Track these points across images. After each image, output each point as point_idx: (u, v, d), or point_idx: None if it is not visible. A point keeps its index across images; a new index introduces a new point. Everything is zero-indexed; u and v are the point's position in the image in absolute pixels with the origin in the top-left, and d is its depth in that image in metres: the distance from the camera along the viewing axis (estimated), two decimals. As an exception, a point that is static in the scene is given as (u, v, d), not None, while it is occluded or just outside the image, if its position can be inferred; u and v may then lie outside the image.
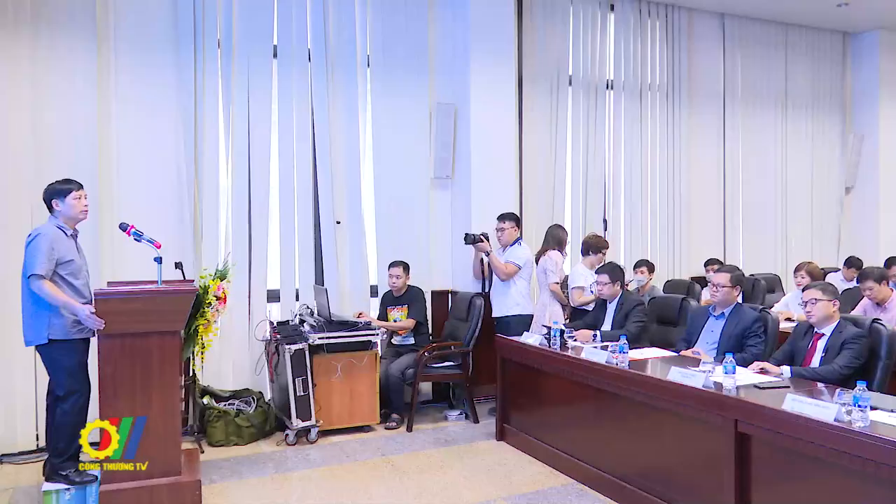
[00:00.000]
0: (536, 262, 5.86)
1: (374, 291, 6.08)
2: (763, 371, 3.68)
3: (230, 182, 5.55)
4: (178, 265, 4.42)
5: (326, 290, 5.33)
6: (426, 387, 5.95)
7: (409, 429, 5.29)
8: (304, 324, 5.24)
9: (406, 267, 5.68)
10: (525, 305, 5.59)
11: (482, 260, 5.77)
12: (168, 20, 5.30)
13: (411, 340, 5.66)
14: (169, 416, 3.79)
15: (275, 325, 5.25)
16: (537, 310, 5.72)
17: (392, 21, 6.06)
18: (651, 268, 6.44)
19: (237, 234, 5.55)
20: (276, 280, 5.77)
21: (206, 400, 5.05)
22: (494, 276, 5.67)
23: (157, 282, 3.90)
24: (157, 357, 3.76)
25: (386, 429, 5.30)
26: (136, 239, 4.01)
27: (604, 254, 5.77)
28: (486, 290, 5.84)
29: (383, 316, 5.74)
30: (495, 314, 5.67)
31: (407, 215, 6.15)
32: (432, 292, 6.13)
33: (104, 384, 3.68)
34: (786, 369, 3.66)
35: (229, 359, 5.49)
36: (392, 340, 5.73)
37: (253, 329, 5.47)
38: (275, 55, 5.70)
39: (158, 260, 3.89)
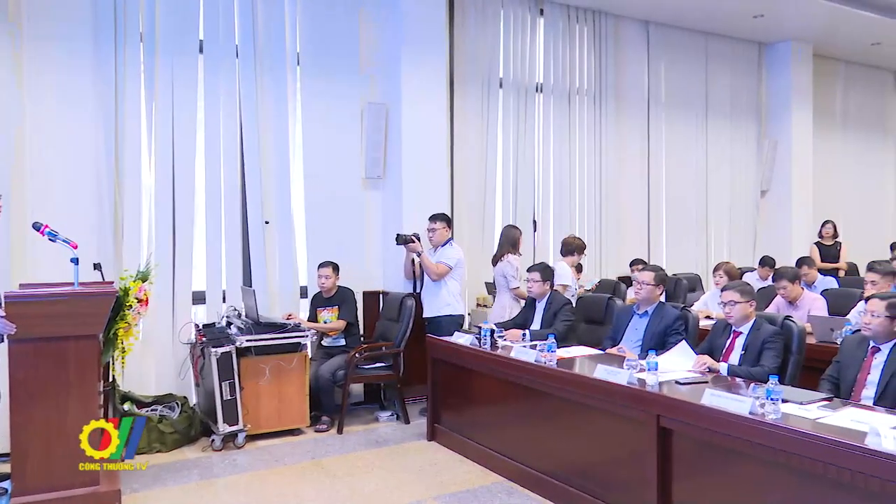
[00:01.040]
0: (494, 264, 5.93)
1: (303, 292, 6.00)
2: (705, 366, 3.76)
3: (153, 180, 5.38)
4: (97, 266, 4.25)
5: (254, 291, 5.22)
6: (357, 388, 5.90)
7: (340, 431, 5.24)
8: (232, 326, 5.11)
9: (336, 267, 5.62)
10: (456, 306, 5.63)
11: (413, 260, 5.77)
12: (86, 11, 5.09)
13: (342, 342, 5.60)
14: (86, 424, 3.63)
15: (200, 327, 5.11)
16: (496, 311, 5.78)
17: (323, 19, 6.00)
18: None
19: (160, 233, 5.38)
20: (201, 281, 5.61)
21: (126, 406, 4.87)
22: (426, 277, 5.68)
23: (73, 284, 3.74)
24: (74, 362, 3.60)
25: (316, 431, 5.23)
26: (50, 239, 3.83)
27: (583, 254, 6.18)
28: (418, 290, 5.84)
29: (313, 317, 5.66)
30: (426, 314, 5.67)
31: (338, 215, 6.09)
32: (363, 293, 6.09)
33: (15, 391, 3.51)
34: (724, 366, 3.76)
35: (152, 363, 5.32)
36: (322, 342, 5.66)
37: (177, 332, 5.30)
38: (200, 50, 5.54)
39: (75, 261, 3.73)
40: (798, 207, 8.91)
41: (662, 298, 4.63)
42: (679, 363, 3.84)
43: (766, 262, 7.21)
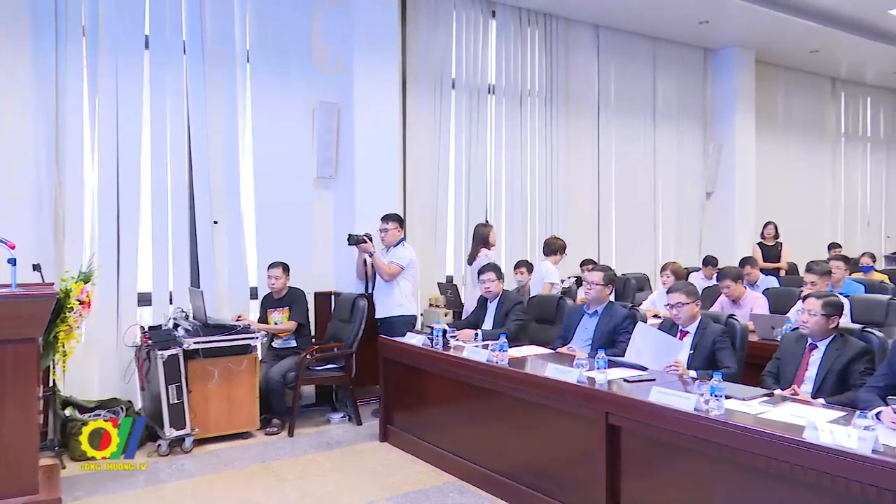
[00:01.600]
0: (470, 262, 6.05)
1: (253, 293, 5.92)
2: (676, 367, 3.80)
3: (96, 178, 5.23)
4: (36, 267, 4.12)
5: (202, 292, 5.13)
6: (308, 390, 5.85)
7: (291, 433, 5.18)
8: (179, 328, 5.00)
9: (285, 268, 5.54)
10: (409, 306, 5.62)
11: (366, 261, 5.74)
12: (25, 3, 4.93)
13: (293, 343, 5.54)
14: (25, 431, 3.50)
15: (146, 329, 4.98)
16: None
17: (273, 16, 5.92)
18: (530, 268, 6.64)
19: (104, 233, 5.24)
20: (147, 283, 5.48)
21: (68, 412, 4.72)
22: (378, 277, 5.65)
23: (11, 285, 3.60)
24: (12, 367, 3.47)
25: (266, 434, 5.15)
26: (-14, 239, 3.69)
27: (564, 254, 6.53)
28: (370, 290, 5.82)
29: (263, 318, 5.58)
30: (379, 315, 5.65)
31: (289, 215, 6.03)
32: (315, 294, 6.03)
33: (-52, 397, 3.36)
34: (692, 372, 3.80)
35: (95, 367, 5.18)
36: (273, 343, 5.58)
37: (122, 335, 5.17)
38: (146, 46, 5.41)
39: (13, 261, 3.60)
40: (741, 209, 9.19)
41: (612, 298, 4.72)
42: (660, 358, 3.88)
43: (710, 261, 7.41)
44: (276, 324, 5.51)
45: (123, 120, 5.29)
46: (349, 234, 5.56)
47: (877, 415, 2.62)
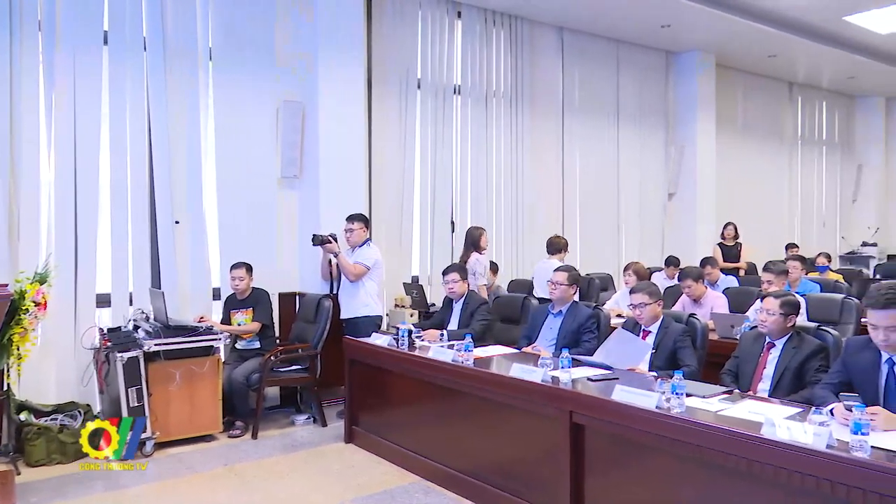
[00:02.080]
0: (464, 264, 6.03)
1: (216, 294, 5.83)
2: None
3: (52, 176, 5.11)
4: (-10, 268, 4.00)
5: (163, 293, 5.03)
6: (273, 391, 5.79)
7: (255, 436, 5.12)
8: (139, 330, 4.91)
9: (249, 268, 5.48)
10: (374, 306, 5.60)
11: (330, 261, 5.70)
12: (-23, -4, 4.79)
13: (257, 344, 5.47)
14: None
15: (105, 331, 4.88)
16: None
17: (236, 14, 5.85)
18: (495, 269, 6.68)
19: (61, 233, 5.11)
20: (106, 283, 5.37)
21: (23, 416, 4.60)
22: (343, 278, 5.62)
23: (-38, 287, 3.50)
24: (-37, 370, 3.37)
25: (229, 437, 5.09)
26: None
27: (567, 251, 6.70)
28: (335, 291, 5.78)
29: (227, 319, 5.51)
30: (344, 315, 5.62)
31: (252, 215, 5.96)
32: (279, 294, 5.98)
33: None
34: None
35: (52, 370, 5.05)
36: (236, 345, 5.51)
37: (79, 337, 5.05)
38: (105, 42, 5.30)
39: (-36, 262, 3.50)
40: (702, 210, 9.36)
41: (576, 297, 4.76)
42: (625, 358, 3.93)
43: (672, 261, 7.53)
44: (239, 325, 5.44)
45: (81, 117, 5.17)
46: (314, 235, 5.52)
47: (830, 411, 2.69)
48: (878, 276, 8.69)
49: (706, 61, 9.35)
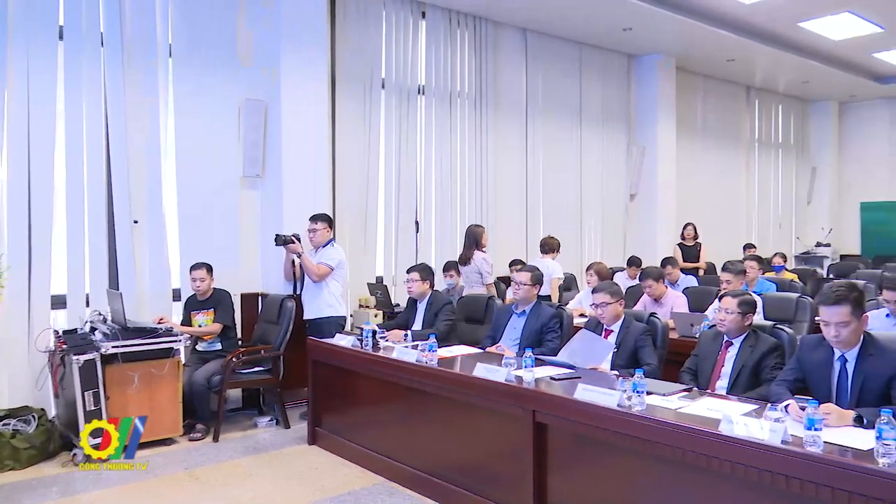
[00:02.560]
0: (464, 264, 6.20)
1: (176, 295, 5.74)
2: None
3: (5, 175, 4.96)
4: (-62, 269, 3.88)
5: (121, 294, 4.93)
6: (235, 394, 5.72)
7: (216, 439, 5.04)
8: (96, 332, 4.81)
9: (209, 268, 5.39)
10: (338, 307, 5.57)
11: (294, 261, 5.65)
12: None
13: (218, 346, 5.40)
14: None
15: (60, 334, 4.76)
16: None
17: (196, 10, 5.77)
18: (458, 270, 6.68)
19: (14, 233, 4.97)
20: (62, 284, 5.24)
21: (-26, 421, 4.47)
22: (306, 278, 5.58)
23: None
24: None
25: (190, 440, 5.00)
26: None
27: (559, 251, 7.05)
28: (298, 291, 5.73)
29: (187, 321, 5.42)
30: (307, 316, 5.57)
31: (213, 215, 5.88)
32: (241, 295, 5.90)
33: None
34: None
35: (4, 373, 4.92)
36: (197, 347, 5.43)
37: (34, 339, 4.92)
38: (60, 37, 5.17)
39: (-89, 263, 3.38)
40: (663, 210, 9.51)
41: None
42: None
43: (634, 262, 7.62)
44: (200, 326, 5.36)
45: (35, 115, 5.03)
46: (276, 235, 5.46)
47: (785, 407, 2.75)
48: (831, 276, 8.93)
49: (667, 64, 9.51)
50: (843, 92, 12.32)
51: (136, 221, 5.49)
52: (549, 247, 7.10)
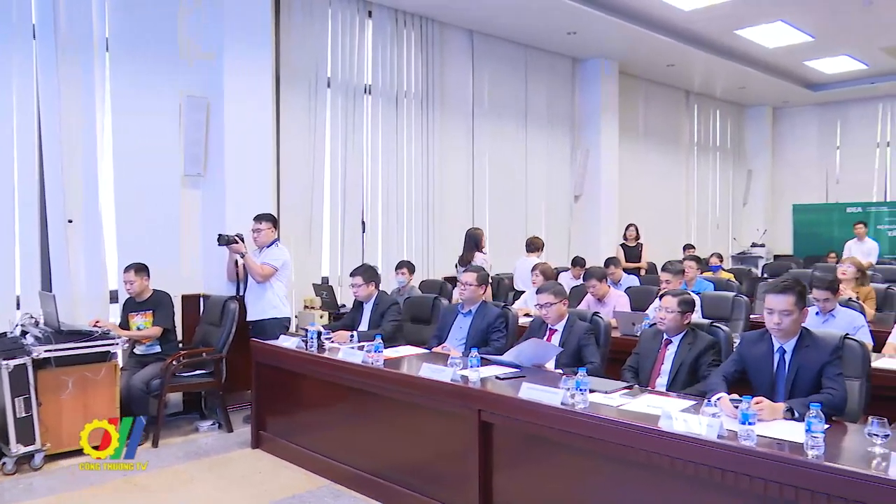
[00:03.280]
0: (463, 265, 6.39)
1: (114, 297, 5.58)
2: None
3: (-72, 172, 4.74)
4: None
5: (54, 296, 4.75)
6: (175, 398, 5.58)
7: (155, 444, 4.91)
8: (27, 335, 4.61)
9: (139, 269, 5.20)
10: (282, 308, 5.49)
11: (237, 262, 5.55)
12: None
13: (157, 348, 5.25)
14: None
15: (-11, 337, 4.57)
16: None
17: (135, 2, 5.61)
18: (412, 269, 6.67)
19: (-62, 233, 4.75)
20: (-10, 286, 5.03)
21: None
22: (250, 279, 5.48)
23: None
24: None
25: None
26: None
27: (542, 251, 7.48)
28: (241, 293, 5.63)
29: (125, 323, 5.26)
30: (251, 317, 5.48)
31: (153, 214, 5.73)
32: (182, 296, 5.77)
33: None
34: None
35: (-73, 380, 4.67)
36: (135, 350, 5.27)
37: (-41, 343, 4.70)
38: (-11, 29, 4.97)
39: None
40: (606, 211, 9.70)
41: (487, 297, 4.83)
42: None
43: (578, 262, 7.75)
44: (138, 329, 5.21)
45: (-39, 108, 4.83)
46: (219, 235, 5.35)
47: (717, 400, 2.83)
48: (765, 275, 9.25)
49: (610, 68, 9.70)
50: (777, 98, 12.79)
51: (70, 221, 5.30)
52: (534, 246, 7.49)
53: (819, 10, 8.05)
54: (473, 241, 6.84)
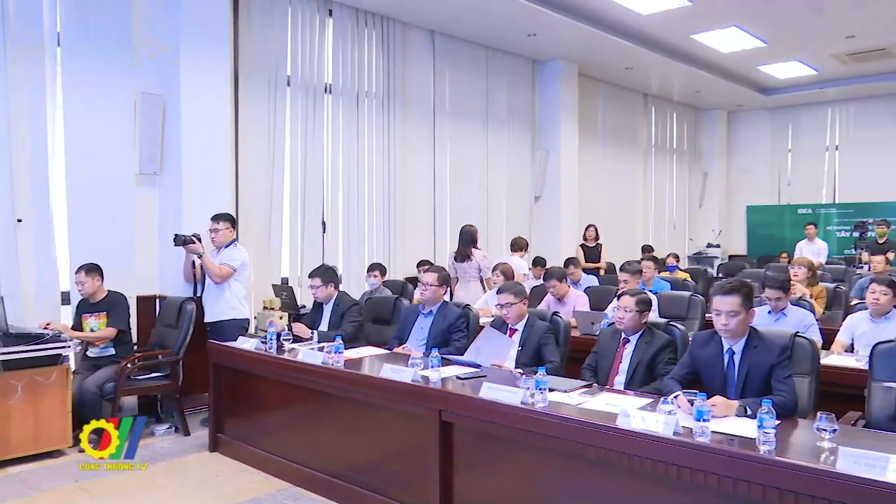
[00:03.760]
0: (464, 260, 6.74)
1: (66, 298, 5.43)
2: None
3: None
4: None
5: (2, 298, 4.61)
6: (130, 401, 5.44)
7: (109, 449, 4.80)
8: (-26, 339, 4.47)
9: (90, 270, 5.07)
10: (241, 309, 5.42)
11: (194, 262, 5.46)
12: None
13: (111, 351, 5.12)
14: None
15: (-67, 341, 4.41)
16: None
17: (89, -4, 5.47)
18: (383, 271, 6.66)
19: None
20: (-66, 288, 4.85)
21: None
22: (208, 280, 5.40)
23: None
24: None
25: (80, 452, 4.73)
26: None
27: (527, 251, 7.79)
28: (199, 294, 5.54)
29: (78, 325, 5.12)
30: (208, 319, 5.40)
31: (107, 214, 5.60)
32: (137, 298, 5.65)
33: None
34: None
35: None
36: (88, 353, 5.14)
37: None
38: (-68, 21, 4.79)
39: None
40: (566, 212, 9.80)
41: (447, 298, 4.84)
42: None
43: (539, 262, 7.83)
44: (92, 331, 5.08)
45: None
46: (175, 235, 5.25)
47: (674, 398, 2.88)
48: (720, 275, 9.45)
49: (569, 70, 9.80)
50: (731, 102, 13.09)
51: (20, 220, 5.14)
52: (518, 245, 7.77)
53: (772, 16, 8.27)
54: (470, 238, 7.04)
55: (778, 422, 2.46)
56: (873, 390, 3.26)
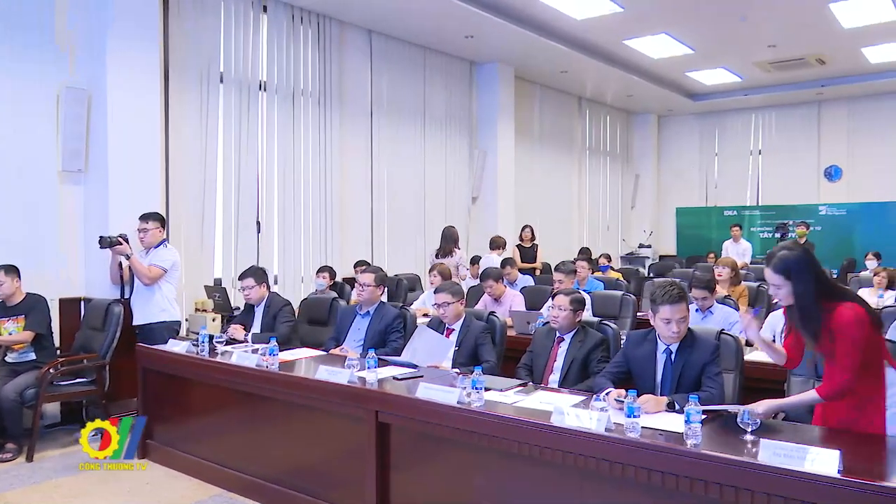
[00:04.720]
0: (445, 256, 7.03)
1: (-18, 302, 5.15)
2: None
3: None
4: None
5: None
6: (52, 408, 5.23)
7: (30, 458, 4.58)
8: None
9: (9, 270, 4.86)
10: (172, 311, 5.27)
11: (121, 264, 5.27)
12: None
13: (32, 356, 4.90)
14: None
15: None
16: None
17: (7, -14, 5.22)
18: (332, 273, 6.57)
19: None
20: None
21: None
22: (137, 281, 5.23)
23: None
24: None
25: (-1, 462, 4.52)
26: None
27: (505, 248, 8.15)
28: (127, 296, 5.35)
29: (-6, 330, 4.89)
30: (137, 322, 5.23)
31: (27, 212, 5.35)
32: (60, 300, 5.42)
33: None
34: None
35: None
36: (6, 358, 4.90)
37: None
38: None
39: None
40: (503, 212, 9.90)
41: (384, 298, 4.82)
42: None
43: (476, 261, 7.88)
44: (9, 335, 4.85)
45: None
46: (100, 237, 5.06)
47: (606, 395, 2.95)
48: (651, 274, 9.73)
49: (506, 73, 9.92)
50: (662, 106, 13.49)
51: (-70, 219, 4.87)
52: (496, 244, 8.11)
53: (699, 24, 8.56)
54: (452, 238, 7.60)
55: (704, 416, 2.55)
56: (792, 384, 3.42)
